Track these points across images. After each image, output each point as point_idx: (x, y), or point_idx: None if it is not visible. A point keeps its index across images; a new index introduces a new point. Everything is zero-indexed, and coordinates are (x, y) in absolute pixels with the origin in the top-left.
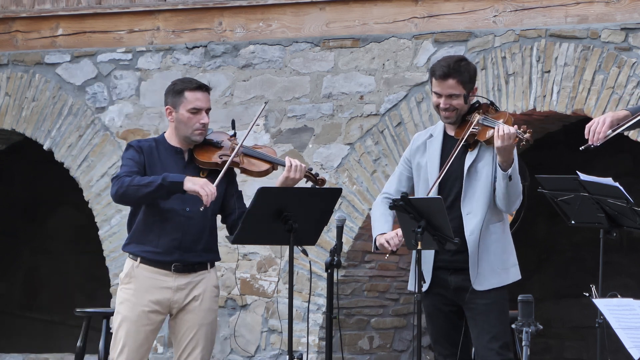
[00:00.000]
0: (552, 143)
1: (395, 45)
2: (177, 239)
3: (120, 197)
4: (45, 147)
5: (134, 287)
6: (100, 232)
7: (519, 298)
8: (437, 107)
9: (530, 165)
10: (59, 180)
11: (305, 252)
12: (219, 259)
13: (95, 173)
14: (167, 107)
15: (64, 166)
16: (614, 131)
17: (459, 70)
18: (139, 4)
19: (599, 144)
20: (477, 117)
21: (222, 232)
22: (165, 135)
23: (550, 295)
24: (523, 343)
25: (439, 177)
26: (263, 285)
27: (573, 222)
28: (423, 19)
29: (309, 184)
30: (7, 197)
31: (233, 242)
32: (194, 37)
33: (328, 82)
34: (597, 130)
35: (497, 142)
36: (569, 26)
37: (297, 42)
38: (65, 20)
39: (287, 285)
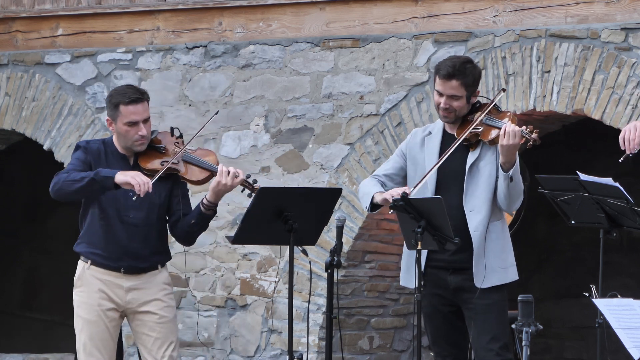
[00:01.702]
0: (552, 143)
1: (395, 45)
2: (124, 246)
3: (55, 193)
4: (45, 147)
5: (87, 289)
6: None
7: (519, 298)
8: (437, 105)
9: (530, 165)
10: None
11: (305, 252)
12: (168, 259)
13: None
14: (107, 118)
15: (64, 166)
16: None
17: (464, 72)
18: (139, 4)
19: (636, 151)
20: (480, 117)
21: (222, 232)
22: (113, 139)
23: (550, 295)
24: (523, 343)
25: (431, 169)
26: (263, 285)
27: (573, 222)
28: (423, 19)
29: (246, 192)
30: (7, 197)
31: (233, 242)
32: (194, 37)
33: (328, 82)
34: (631, 138)
35: (502, 141)
36: (569, 26)
37: (297, 42)
38: (65, 20)
39: (287, 285)
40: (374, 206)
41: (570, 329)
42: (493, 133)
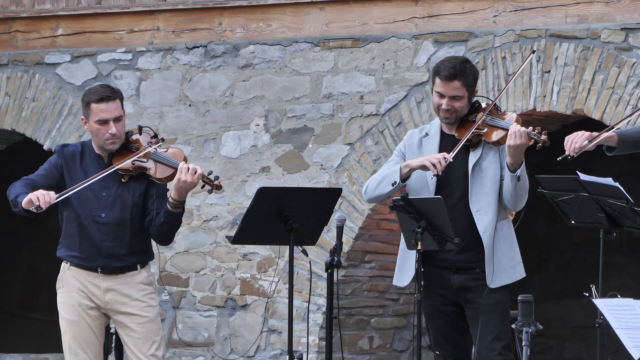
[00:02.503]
0: (552, 143)
1: (395, 45)
2: (96, 245)
3: (7, 198)
4: (45, 147)
5: (68, 289)
6: None
7: (519, 298)
8: (437, 107)
9: (530, 165)
10: None
11: (305, 252)
12: (151, 259)
13: None
14: (82, 117)
15: None
16: (590, 142)
17: (464, 73)
18: (139, 4)
19: (575, 155)
20: (482, 117)
21: (222, 232)
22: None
23: (550, 295)
24: (523, 343)
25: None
26: (263, 285)
27: (573, 222)
28: (423, 19)
29: (207, 188)
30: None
31: (233, 243)
32: (194, 37)
33: (328, 82)
34: (574, 141)
35: (510, 142)
36: (569, 26)
37: (297, 42)
38: (65, 20)
39: (287, 285)
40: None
41: (570, 329)
42: (497, 134)
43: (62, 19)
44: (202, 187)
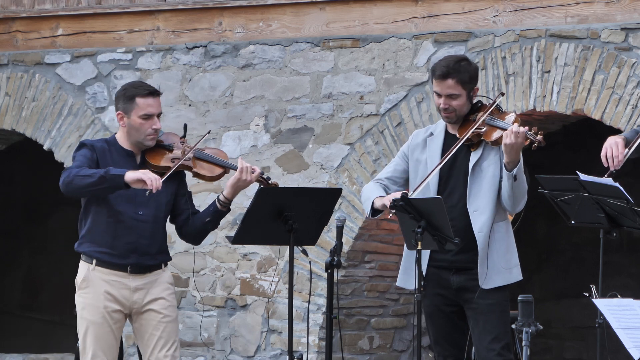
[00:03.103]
0: (552, 143)
1: (395, 45)
2: (132, 242)
3: (66, 187)
4: (45, 147)
5: (93, 290)
6: None
7: (519, 298)
8: (438, 107)
9: (530, 165)
10: (59, 180)
11: (305, 252)
12: (171, 259)
13: None
14: (118, 112)
15: (64, 166)
16: (629, 149)
17: (458, 70)
18: (139, 4)
19: (619, 167)
20: (482, 117)
21: (222, 232)
22: (117, 137)
23: (550, 295)
24: (523, 343)
25: (432, 171)
26: (263, 285)
27: (573, 222)
28: (423, 19)
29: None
30: (7, 197)
31: (233, 243)
32: (194, 37)
33: (328, 82)
34: (614, 155)
35: (506, 141)
36: (569, 26)
37: (297, 42)
38: (65, 20)
39: (287, 285)
40: (374, 211)
41: (570, 329)
42: (496, 133)
43: (62, 19)
44: (259, 187)
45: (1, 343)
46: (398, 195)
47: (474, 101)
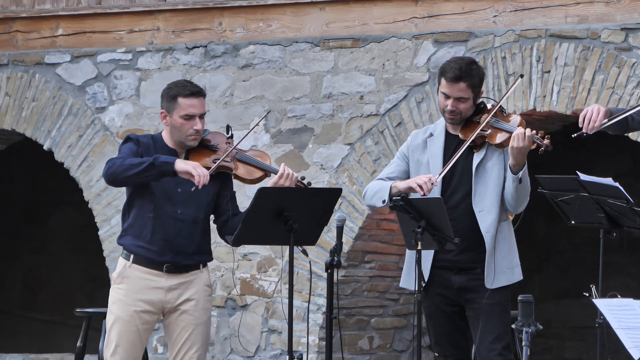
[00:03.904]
0: (552, 143)
1: (395, 45)
2: (169, 240)
3: (110, 176)
4: (45, 147)
5: (127, 287)
6: (100, 232)
7: (519, 298)
8: (443, 108)
9: (531, 165)
10: (59, 180)
11: (305, 252)
12: (211, 259)
13: (95, 173)
14: (161, 111)
15: (64, 166)
16: (609, 120)
17: (470, 74)
18: (139, 4)
19: (592, 133)
20: (487, 119)
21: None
22: (163, 134)
23: (550, 295)
24: (523, 343)
25: (441, 173)
26: (263, 285)
27: (573, 222)
28: (423, 19)
29: None
30: (7, 197)
31: (233, 244)
32: (194, 37)
33: (328, 82)
34: (592, 119)
35: (513, 145)
36: (569, 26)
37: (297, 42)
38: (65, 20)
39: (287, 286)
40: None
41: (570, 329)
42: (500, 136)
43: (62, 19)
44: None
45: (1, 343)
46: (424, 178)
47: (477, 102)
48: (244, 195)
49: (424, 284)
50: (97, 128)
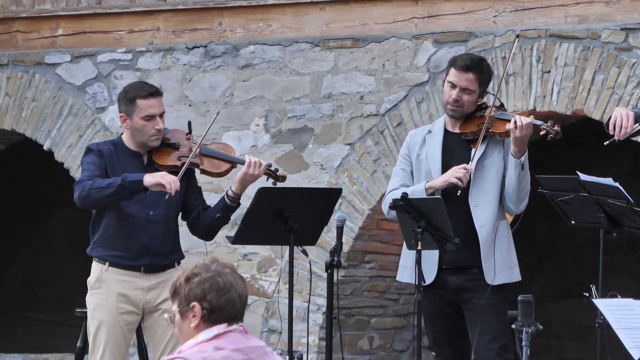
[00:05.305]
0: (551, 143)
1: (395, 46)
2: (145, 244)
3: (83, 201)
4: (45, 147)
5: (106, 291)
6: None
7: (519, 298)
8: (446, 99)
9: (530, 165)
10: (59, 180)
11: (305, 252)
12: (183, 257)
13: None
14: (120, 114)
15: (64, 166)
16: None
17: (480, 68)
18: (139, 4)
19: (623, 139)
20: (491, 113)
21: (222, 232)
22: (123, 138)
23: (550, 295)
24: (523, 343)
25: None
26: (263, 285)
27: (573, 222)
28: (423, 19)
29: (270, 181)
30: (7, 197)
31: (233, 243)
32: (194, 37)
33: (328, 82)
34: (623, 125)
35: (515, 133)
36: (569, 26)
37: (297, 42)
38: (65, 20)
39: (287, 286)
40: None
41: (570, 329)
42: (506, 126)
43: (62, 19)
44: (267, 179)
45: (1, 343)
46: (461, 169)
47: (480, 102)
48: (244, 195)
49: (424, 284)
50: (97, 128)
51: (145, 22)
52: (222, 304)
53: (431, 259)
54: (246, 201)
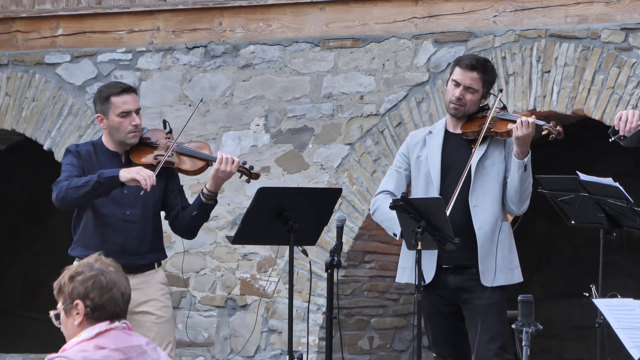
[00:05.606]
0: (551, 143)
1: (395, 46)
2: (120, 243)
3: (60, 201)
4: (45, 147)
5: None
6: None
7: (519, 298)
8: (449, 98)
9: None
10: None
11: (305, 252)
12: (165, 257)
13: None
14: (97, 115)
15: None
16: None
17: (485, 68)
18: (139, 4)
19: (629, 135)
20: (492, 113)
21: (222, 232)
22: (102, 139)
23: (550, 295)
24: (523, 343)
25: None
26: (263, 285)
27: (573, 222)
28: (423, 19)
29: (244, 178)
30: (7, 197)
31: (233, 243)
32: (194, 37)
33: (328, 82)
34: (629, 121)
35: (517, 133)
36: (569, 26)
37: (297, 42)
38: (65, 20)
39: (287, 285)
40: None
41: (570, 329)
42: (508, 126)
43: (62, 19)
44: (240, 177)
45: (1, 343)
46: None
47: (482, 104)
48: (244, 195)
49: (424, 284)
50: (97, 128)
51: (145, 22)
52: (104, 302)
53: (430, 258)
54: (246, 201)
